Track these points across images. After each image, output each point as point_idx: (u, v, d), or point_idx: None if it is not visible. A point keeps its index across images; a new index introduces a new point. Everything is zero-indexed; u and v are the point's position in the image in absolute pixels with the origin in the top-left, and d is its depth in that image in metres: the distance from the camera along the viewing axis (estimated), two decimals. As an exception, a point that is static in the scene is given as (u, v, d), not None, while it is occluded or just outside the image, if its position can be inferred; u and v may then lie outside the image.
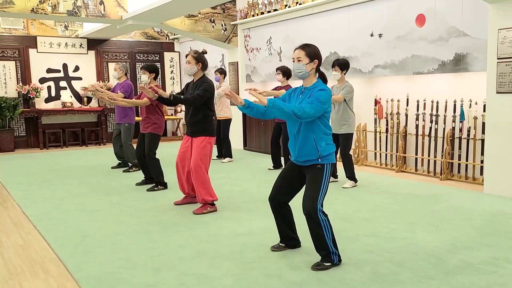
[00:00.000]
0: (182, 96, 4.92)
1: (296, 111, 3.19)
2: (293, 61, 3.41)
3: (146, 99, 6.06)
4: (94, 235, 4.28)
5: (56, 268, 3.52)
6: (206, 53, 5.13)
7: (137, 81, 12.33)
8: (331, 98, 3.35)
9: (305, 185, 3.45)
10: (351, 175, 6.09)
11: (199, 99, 4.84)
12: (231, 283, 3.15)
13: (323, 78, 3.46)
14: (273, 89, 7.35)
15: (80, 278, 3.29)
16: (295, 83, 6.87)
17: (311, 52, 3.35)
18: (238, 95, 10.69)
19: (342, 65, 5.99)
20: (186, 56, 5.04)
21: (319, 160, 3.35)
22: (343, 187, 6.02)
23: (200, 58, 4.97)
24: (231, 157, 8.51)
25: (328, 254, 3.36)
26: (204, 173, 4.91)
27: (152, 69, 6.17)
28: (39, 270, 3.48)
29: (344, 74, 6.04)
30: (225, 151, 8.49)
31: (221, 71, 8.50)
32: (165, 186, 6.15)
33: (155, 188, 6.08)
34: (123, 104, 6.40)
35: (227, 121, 8.42)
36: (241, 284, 3.13)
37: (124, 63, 10.21)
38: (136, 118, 8.15)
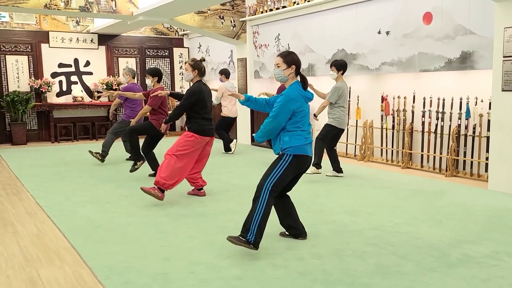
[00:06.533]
0: (168, 117, 5.49)
1: (261, 130, 3.68)
2: (274, 67, 3.77)
3: (141, 94, 6.92)
4: (105, 225, 4.42)
5: (71, 256, 3.66)
6: (204, 60, 5.37)
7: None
8: (291, 100, 3.59)
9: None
10: (317, 162, 6.28)
11: (180, 109, 5.24)
12: (238, 272, 3.27)
13: (303, 82, 3.74)
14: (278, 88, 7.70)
15: (93, 266, 3.42)
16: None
17: (289, 59, 3.69)
18: (246, 90, 10.98)
19: (339, 65, 6.30)
20: (185, 63, 5.33)
21: (280, 152, 3.72)
22: (306, 173, 6.09)
23: (196, 66, 5.21)
24: (230, 150, 8.83)
25: (246, 231, 3.50)
26: (173, 161, 5.03)
27: (154, 73, 6.52)
28: (55, 258, 3.62)
29: (341, 74, 6.29)
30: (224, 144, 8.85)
31: (222, 72, 8.90)
32: (143, 159, 6.41)
33: (136, 167, 6.36)
34: (126, 94, 7.19)
35: (225, 118, 8.85)
36: (248, 274, 3.25)
37: (130, 66, 10.39)
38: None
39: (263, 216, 3.50)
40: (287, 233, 3.98)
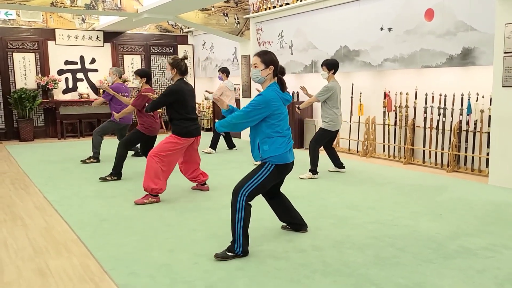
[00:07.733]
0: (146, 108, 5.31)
1: (226, 120, 3.50)
2: (251, 67, 3.62)
3: (130, 100, 6.92)
4: (111, 219, 4.52)
5: (78, 248, 3.77)
6: (187, 58, 5.28)
7: (152, 73, 12.58)
8: (268, 101, 3.41)
9: None
10: (313, 169, 6.24)
11: (155, 104, 5.13)
12: (241, 263, 3.36)
13: (281, 83, 3.57)
14: None
15: (100, 257, 3.53)
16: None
17: (267, 59, 3.51)
18: (250, 88, 10.96)
19: (329, 65, 6.27)
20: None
21: (260, 161, 3.59)
22: (299, 177, 6.16)
23: (175, 64, 5.13)
24: (214, 149, 8.60)
25: (233, 242, 3.47)
26: (155, 163, 4.97)
27: (143, 74, 6.48)
28: (63, 250, 3.73)
29: (333, 74, 6.28)
30: (212, 141, 8.63)
31: (223, 70, 8.84)
32: (118, 177, 6.33)
33: (107, 177, 6.27)
34: (121, 98, 7.19)
35: None
36: (250, 265, 3.34)
37: (117, 67, 10.38)
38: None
39: (244, 224, 3.45)
40: (288, 226, 4.08)
